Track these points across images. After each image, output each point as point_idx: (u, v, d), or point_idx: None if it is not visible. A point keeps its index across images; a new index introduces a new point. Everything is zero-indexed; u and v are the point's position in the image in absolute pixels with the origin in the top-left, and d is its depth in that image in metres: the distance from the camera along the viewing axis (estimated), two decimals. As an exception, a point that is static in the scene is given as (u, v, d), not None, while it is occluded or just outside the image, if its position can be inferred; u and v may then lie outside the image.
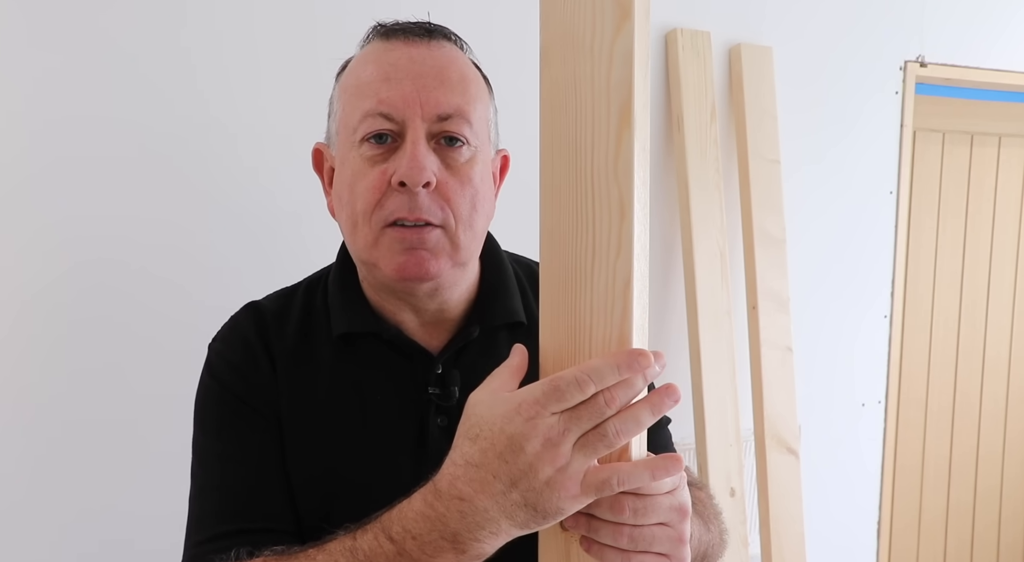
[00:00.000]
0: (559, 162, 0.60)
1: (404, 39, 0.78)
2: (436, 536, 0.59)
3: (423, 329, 0.83)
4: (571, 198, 0.59)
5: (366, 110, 0.75)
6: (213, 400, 0.82)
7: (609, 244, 0.58)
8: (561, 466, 0.55)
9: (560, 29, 0.59)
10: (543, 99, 0.60)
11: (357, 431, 0.80)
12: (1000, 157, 2.19)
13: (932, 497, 2.23)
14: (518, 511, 0.57)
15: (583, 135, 0.59)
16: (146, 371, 1.27)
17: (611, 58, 0.57)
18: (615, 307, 0.59)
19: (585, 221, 0.59)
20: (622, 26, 0.57)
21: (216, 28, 1.28)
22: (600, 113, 0.58)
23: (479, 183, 0.78)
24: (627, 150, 0.58)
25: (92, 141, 1.22)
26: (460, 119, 0.76)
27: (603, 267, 0.59)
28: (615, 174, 0.58)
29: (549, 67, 0.60)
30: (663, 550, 0.60)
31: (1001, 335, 2.26)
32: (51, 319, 1.22)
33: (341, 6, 1.34)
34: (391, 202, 0.75)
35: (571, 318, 0.60)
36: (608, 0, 0.57)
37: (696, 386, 1.64)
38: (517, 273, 0.90)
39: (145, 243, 1.26)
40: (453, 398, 0.80)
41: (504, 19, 1.45)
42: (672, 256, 1.70)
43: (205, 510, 0.78)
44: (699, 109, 1.64)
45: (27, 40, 1.17)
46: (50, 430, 1.23)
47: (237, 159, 1.31)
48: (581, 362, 0.59)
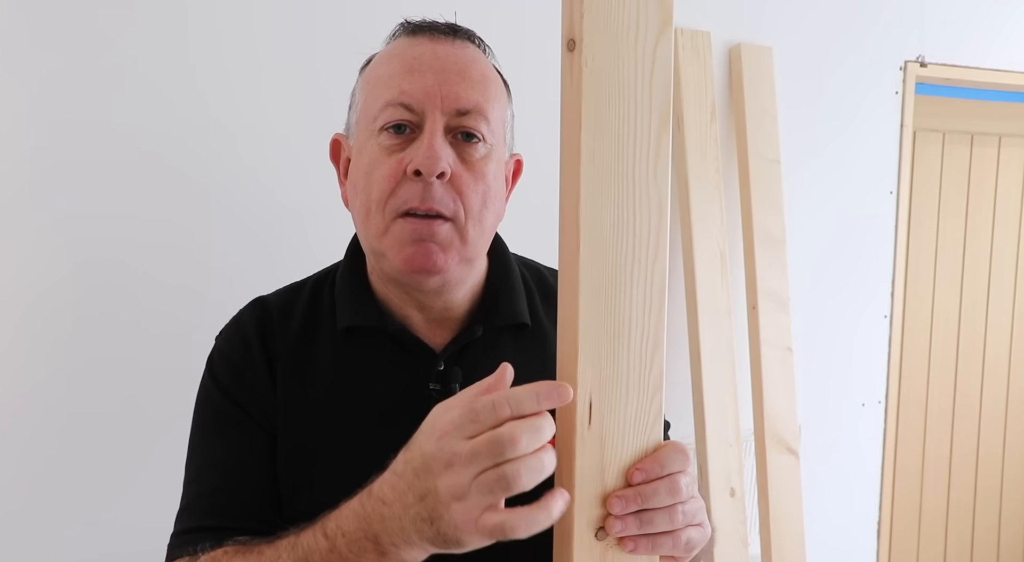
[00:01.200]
0: (602, 162, 0.57)
1: (430, 36, 0.79)
2: (361, 535, 0.60)
3: (428, 326, 0.84)
4: (613, 199, 0.58)
5: (387, 100, 0.77)
6: (207, 397, 0.83)
7: (648, 247, 0.58)
8: (459, 495, 0.54)
9: (605, 25, 0.57)
10: (586, 94, 0.57)
11: (356, 425, 0.80)
12: (1000, 157, 2.19)
13: (932, 498, 2.23)
14: (424, 526, 0.56)
15: (625, 135, 0.58)
16: (147, 369, 1.27)
17: (654, 61, 0.58)
18: (652, 309, 0.58)
19: (626, 224, 0.58)
20: (664, 30, 0.58)
21: (216, 28, 1.28)
22: (643, 114, 0.58)
23: (492, 180, 0.79)
24: (666, 152, 0.58)
25: (92, 142, 1.22)
26: (478, 115, 0.77)
27: (642, 270, 0.58)
28: (655, 176, 0.58)
29: (593, 61, 0.57)
30: (700, 520, 0.63)
31: (1001, 335, 2.26)
32: (54, 319, 1.22)
33: (341, 5, 1.35)
34: (404, 191, 0.75)
35: (611, 321, 0.59)
36: (652, 6, 0.57)
37: (696, 386, 1.64)
38: (524, 275, 0.90)
39: (147, 242, 1.26)
40: (453, 395, 0.80)
41: (498, 18, 1.45)
42: (672, 256, 1.69)
43: (187, 503, 0.81)
44: (699, 109, 1.64)
45: (27, 41, 1.18)
46: (53, 429, 1.23)
47: (237, 158, 1.31)
48: (619, 365, 0.59)
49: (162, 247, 1.27)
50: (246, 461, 0.80)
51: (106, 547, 1.26)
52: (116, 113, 1.23)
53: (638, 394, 0.61)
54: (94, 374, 1.24)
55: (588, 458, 0.60)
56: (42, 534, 1.23)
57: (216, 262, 1.29)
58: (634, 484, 0.61)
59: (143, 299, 1.26)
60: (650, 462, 0.60)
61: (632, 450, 0.61)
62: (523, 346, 0.85)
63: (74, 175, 1.21)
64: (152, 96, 1.25)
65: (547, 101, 1.28)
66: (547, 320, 0.88)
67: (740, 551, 1.65)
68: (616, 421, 0.60)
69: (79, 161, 1.21)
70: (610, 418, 0.60)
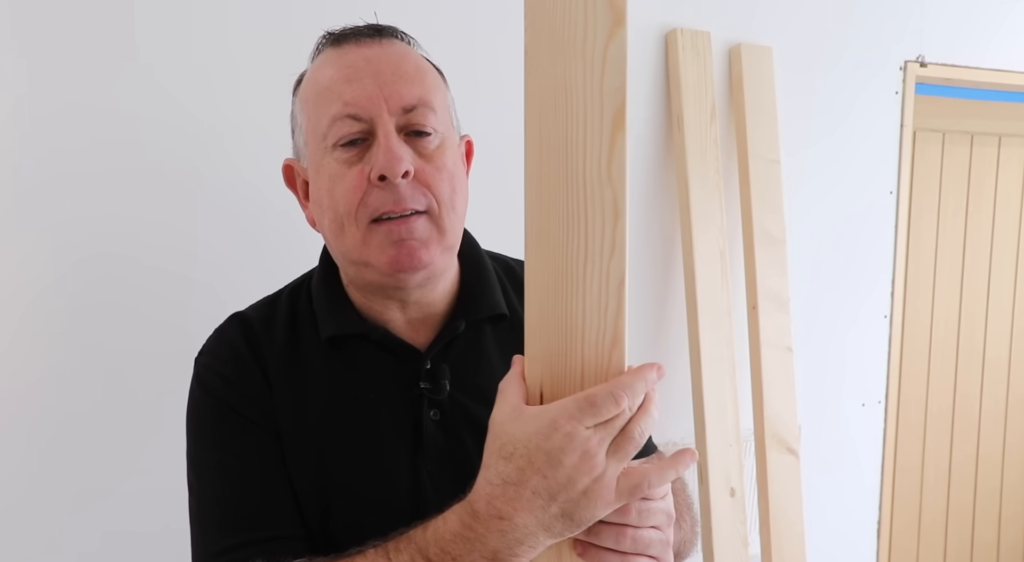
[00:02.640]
0: (548, 164, 0.59)
1: (356, 42, 0.80)
2: (476, 556, 0.60)
3: (410, 327, 0.84)
4: (561, 200, 0.59)
5: (333, 114, 0.76)
6: (207, 413, 0.81)
7: (603, 245, 0.59)
8: (598, 475, 0.57)
9: (548, 31, 0.58)
10: (529, 100, 0.59)
11: (352, 430, 0.80)
12: (1000, 157, 2.19)
13: (932, 498, 2.23)
14: (556, 523, 0.58)
15: (574, 138, 0.58)
16: (149, 367, 1.27)
17: (604, 62, 0.57)
18: (609, 306, 0.59)
19: (577, 223, 0.59)
20: (615, 31, 0.57)
21: (226, 28, 1.28)
22: (593, 116, 0.58)
23: (453, 167, 0.80)
24: (620, 153, 0.58)
25: (87, 142, 1.22)
26: (424, 109, 0.78)
27: (596, 267, 0.59)
28: (608, 176, 0.58)
29: (537, 68, 0.59)
30: (655, 553, 0.62)
31: (1001, 335, 2.26)
32: (52, 319, 1.22)
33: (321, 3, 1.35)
34: (374, 198, 0.76)
35: (562, 317, 0.60)
36: (601, 5, 0.57)
37: (696, 386, 1.64)
38: (495, 268, 0.92)
39: (148, 242, 1.26)
40: (444, 392, 0.81)
41: (484, 18, 1.45)
42: (672, 256, 1.69)
43: (208, 523, 0.78)
44: (699, 109, 1.64)
45: (18, 39, 1.18)
46: (51, 426, 1.23)
47: (225, 156, 1.31)
48: (573, 360, 0.60)
49: (159, 246, 1.27)
50: (265, 468, 0.79)
51: (106, 545, 1.26)
52: (114, 110, 1.23)
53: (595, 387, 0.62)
54: (94, 372, 1.24)
55: None
56: (41, 533, 1.23)
57: (210, 262, 1.29)
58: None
59: (142, 294, 1.26)
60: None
61: None
62: (502, 336, 0.87)
63: (74, 175, 1.21)
64: (157, 96, 1.25)
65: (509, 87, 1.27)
66: (520, 310, 0.88)
67: (740, 551, 1.65)
68: None
69: (73, 161, 1.21)
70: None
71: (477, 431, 0.80)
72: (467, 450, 0.80)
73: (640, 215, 1.65)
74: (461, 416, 0.82)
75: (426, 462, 0.80)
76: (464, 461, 0.80)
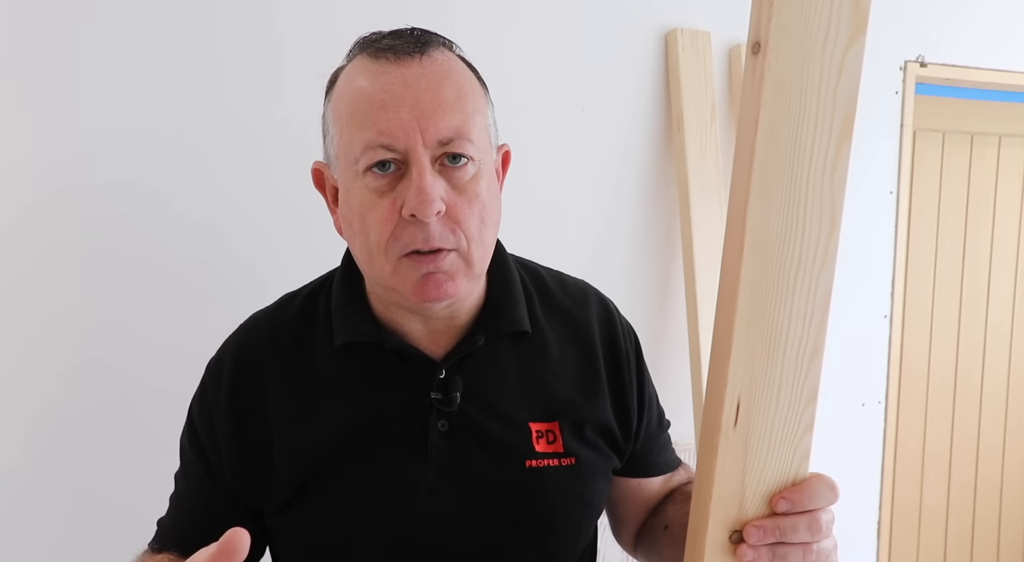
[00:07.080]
0: (775, 165, 0.57)
1: (395, 59, 0.75)
2: None
3: (429, 336, 0.83)
4: (783, 201, 0.58)
5: (367, 142, 0.74)
6: (185, 434, 0.88)
7: (816, 254, 0.58)
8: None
9: (792, 28, 0.57)
10: (765, 97, 0.57)
11: (358, 435, 0.80)
12: (1000, 157, 2.19)
13: (932, 498, 2.23)
14: None
15: (803, 140, 0.58)
16: (150, 366, 1.27)
17: (842, 67, 0.57)
18: (814, 317, 0.59)
19: (795, 228, 0.58)
20: (856, 37, 0.57)
21: (244, 28, 1.28)
22: (823, 120, 0.57)
23: (486, 196, 0.77)
24: (844, 161, 0.58)
25: (88, 142, 1.22)
26: (462, 140, 0.75)
27: (807, 276, 0.58)
28: (831, 183, 0.58)
29: (777, 66, 0.57)
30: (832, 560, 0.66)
31: (1001, 335, 2.26)
32: (51, 318, 1.22)
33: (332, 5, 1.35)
34: (405, 234, 0.74)
35: (768, 324, 0.59)
36: (846, 11, 0.56)
37: (696, 386, 1.64)
38: (524, 280, 0.90)
39: (151, 241, 1.26)
40: (454, 403, 0.80)
41: (499, 18, 1.45)
42: (672, 256, 1.69)
43: (169, 508, 0.89)
44: (699, 109, 1.64)
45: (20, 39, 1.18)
46: (50, 426, 1.23)
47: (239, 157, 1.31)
48: (773, 369, 0.60)
49: (164, 246, 1.27)
50: (206, 506, 0.85)
51: (105, 542, 1.26)
52: (117, 114, 1.23)
53: (789, 402, 0.61)
54: (91, 372, 1.24)
55: (730, 458, 0.60)
56: (42, 533, 1.23)
57: (213, 256, 1.30)
58: (778, 512, 0.61)
59: (142, 294, 1.26)
60: (798, 493, 0.61)
61: (777, 458, 0.61)
62: (523, 352, 0.85)
63: (72, 174, 1.21)
64: (150, 96, 1.25)
65: (522, 90, 1.27)
66: (547, 325, 0.88)
67: (740, 551, 1.65)
68: (763, 426, 0.60)
69: (75, 161, 1.21)
70: (757, 422, 0.60)
71: (484, 446, 0.80)
72: (471, 463, 0.80)
73: (640, 215, 1.65)
74: (469, 429, 0.81)
75: (428, 472, 0.79)
76: (467, 475, 0.80)
